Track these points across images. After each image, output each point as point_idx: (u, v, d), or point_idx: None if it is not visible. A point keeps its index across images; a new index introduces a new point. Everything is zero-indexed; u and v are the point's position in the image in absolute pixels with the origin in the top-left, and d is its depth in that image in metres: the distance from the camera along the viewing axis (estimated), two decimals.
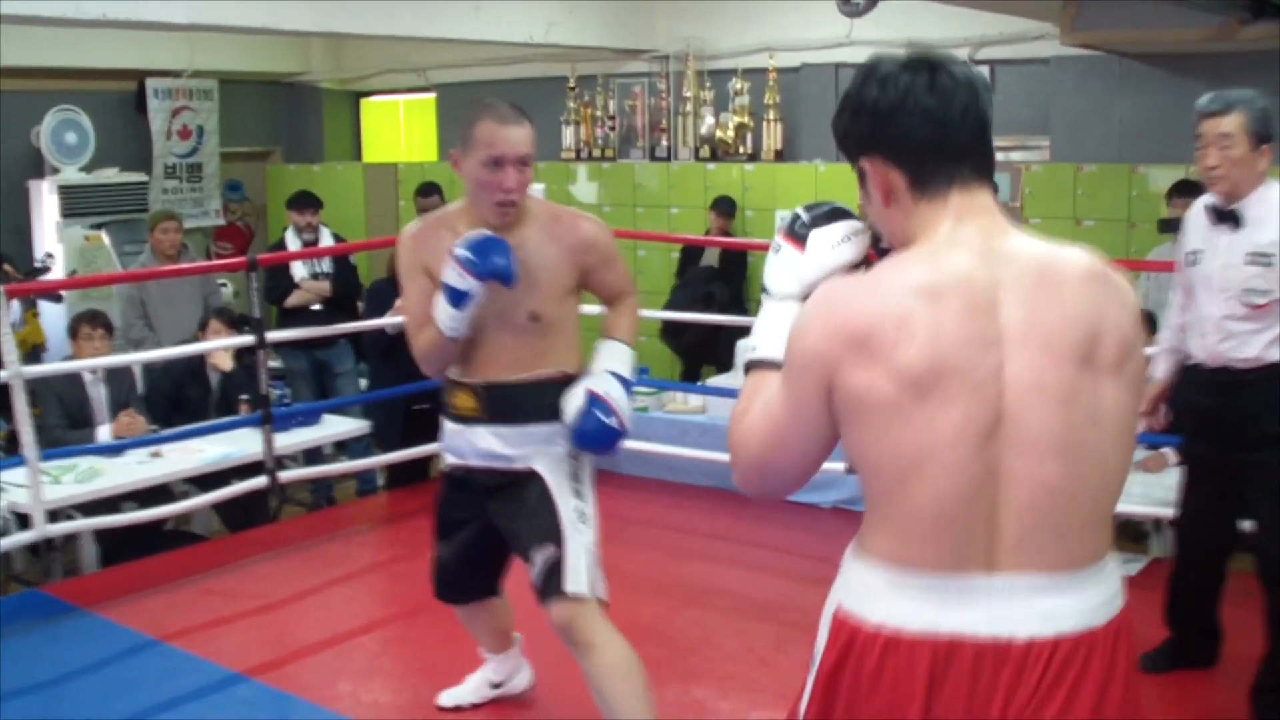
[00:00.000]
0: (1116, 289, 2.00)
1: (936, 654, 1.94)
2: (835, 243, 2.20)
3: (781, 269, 2.24)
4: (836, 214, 2.23)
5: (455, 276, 3.40)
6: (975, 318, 1.92)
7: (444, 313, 3.45)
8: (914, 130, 2.00)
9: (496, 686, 4.34)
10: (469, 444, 3.72)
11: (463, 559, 3.92)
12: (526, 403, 3.60)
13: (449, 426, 3.78)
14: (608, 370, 3.63)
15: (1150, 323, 6.60)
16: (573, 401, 3.55)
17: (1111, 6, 7.00)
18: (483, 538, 3.85)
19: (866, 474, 1.99)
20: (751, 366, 2.19)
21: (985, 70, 9.01)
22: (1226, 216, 4.14)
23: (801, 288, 2.19)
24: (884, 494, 1.98)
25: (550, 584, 3.56)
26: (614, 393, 3.57)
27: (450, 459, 3.84)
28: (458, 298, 3.41)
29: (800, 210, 2.27)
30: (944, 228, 2.00)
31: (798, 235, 2.23)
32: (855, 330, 1.92)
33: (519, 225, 3.58)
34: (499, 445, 3.66)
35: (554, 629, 3.62)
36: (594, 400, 3.53)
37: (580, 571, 3.57)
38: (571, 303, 3.71)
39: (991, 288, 1.94)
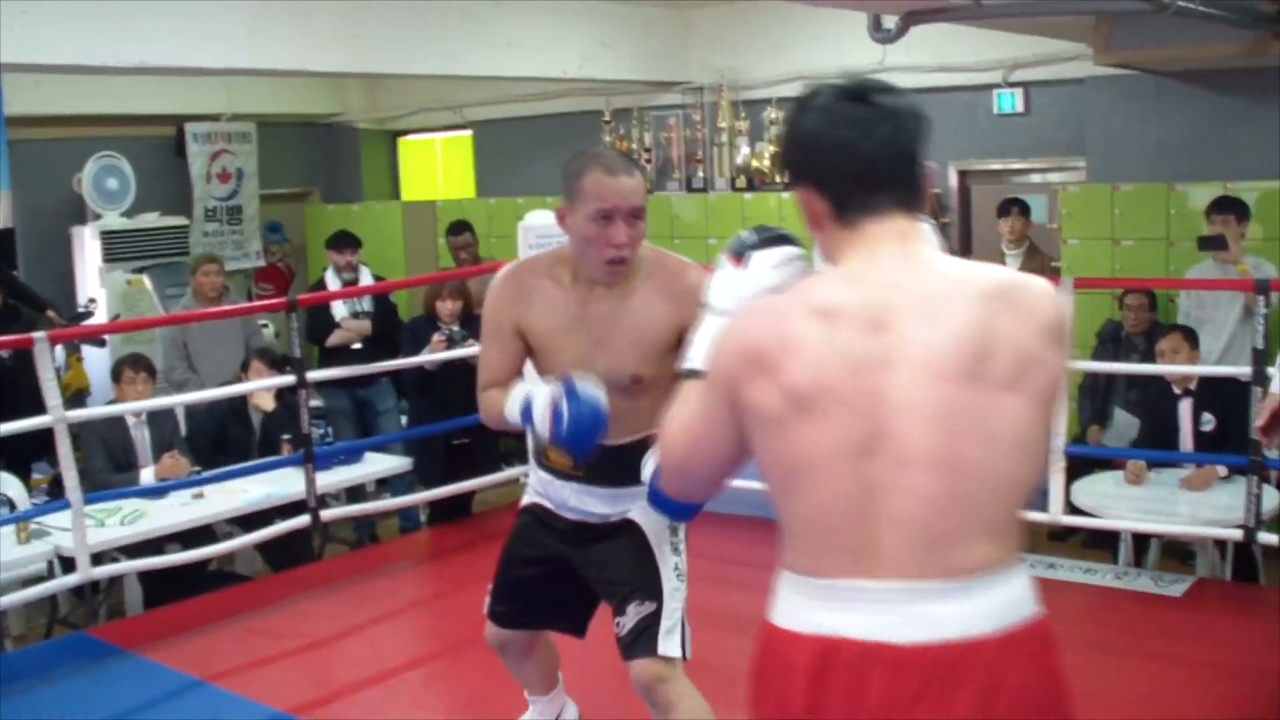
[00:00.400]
0: (1021, 305, 2.04)
1: (818, 652, 2.03)
2: (773, 265, 2.33)
3: (722, 286, 2.36)
4: (780, 239, 2.36)
5: (540, 418, 3.16)
6: (864, 338, 2.01)
7: (513, 413, 3.26)
8: (834, 162, 2.10)
9: None
10: (561, 498, 3.55)
11: (529, 596, 3.71)
12: (629, 466, 3.14)
13: (539, 474, 3.60)
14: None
15: (1191, 340, 6.56)
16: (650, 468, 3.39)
17: (1143, 25, 6.94)
18: (558, 580, 3.64)
19: (766, 483, 2.11)
20: (685, 375, 2.32)
21: (1020, 92, 9.01)
22: None
23: (736, 305, 2.28)
24: (778, 502, 2.10)
25: (642, 642, 3.41)
26: None
27: (537, 500, 3.65)
28: (527, 419, 3.21)
29: (746, 232, 2.39)
30: (859, 254, 2.10)
31: (741, 255, 2.35)
32: (751, 348, 2.06)
33: (628, 278, 3.36)
34: (595, 505, 3.50)
35: (634, 683, 3.48)
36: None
37: (674, 634, 3.44)
38: (672, 359, 3.28)
39: (885, 310, 2.02)
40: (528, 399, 3.22)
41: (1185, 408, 6.53)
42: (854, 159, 2.08)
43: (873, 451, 1.99)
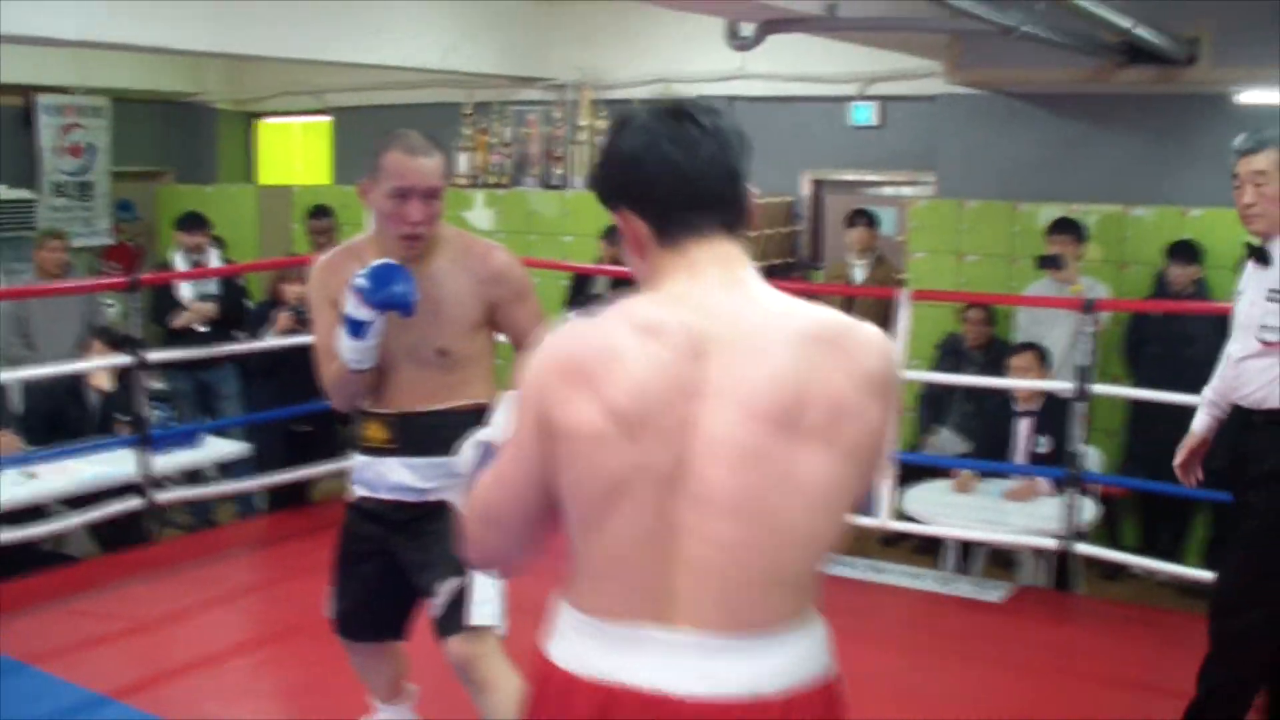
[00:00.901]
0: (844, 352, 1.95)
1: (598, 701, 1.95)
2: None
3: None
4: None
5: (353, 306, 3.31)
6: (683, 363, 1.91)
7: (345, 344, 3.36)
8: (657, 181, 2.01)
9: None
10: (379, 476, 3.59)
11: (365, 595, 3.72)
12: (439, 433, 3.32)
13: (359, 459, 3.65)
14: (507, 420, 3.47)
15: (1042, 359, 6.75)
16: (465, 451, 3.42)
17: (993, 47, 7.11)
18: (388, 574, 3.65)
19: (569, 515, 2.00)
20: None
21: (876, 105, 9.19)
22: (1259, 254, 4.09)
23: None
24: (577, 534, 1.99)
25: (452, 617, 3.43)
26: None
27: (359, 490, 3.69)
28: (356, 328, 3.32)
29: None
30: (681, 277, 2.00)
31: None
32: (570, 361, 1.95)
33: (430, 257, 3.48)
34: (410, 477, 3.54)
35: (453, 666, 3.50)
36: (488, 452, 3.42)
37: (487, 604, 3.44)
38: (483, 336, 3.57)
39: (704, 339, 1.93)
40: (342, 316, 3.35)
41: (1024, 426, 6.72)
42: (678, 178, 2.00)
43: (676, 487, 1.90)
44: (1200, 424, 4.38)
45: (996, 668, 5.13)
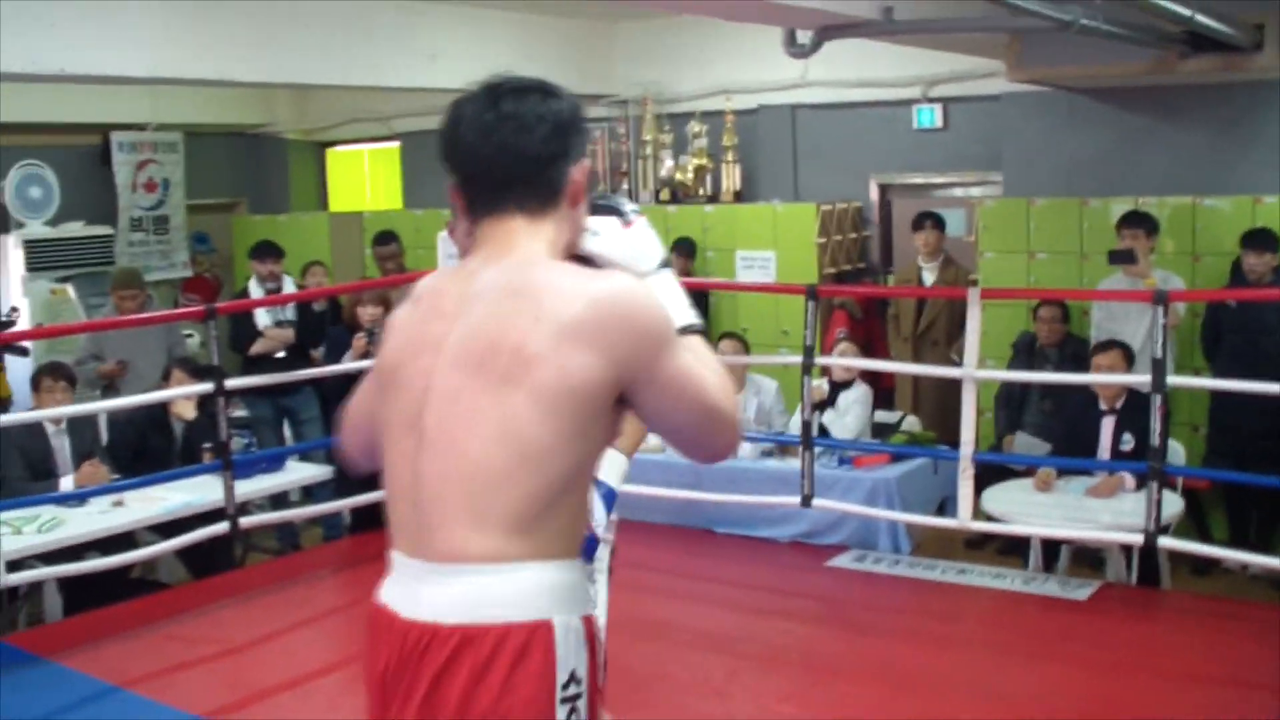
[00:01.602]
0: (537, 303, 2.08)
1: (369, 613, 2.24)
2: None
3: (633, 245, 2.39)
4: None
5: None
6: (431, 324, 2.19)
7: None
8: (461, 162, 2.23)
9: None
10: None
11: None
12: None
13: None
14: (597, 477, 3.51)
15: (1129, 358, 6.70)
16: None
17: (1052, 43, 7.10)
18: None
19: None
20: (685, 332, 2.24)
21: (939, 107, 9.16)
22: None
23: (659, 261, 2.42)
24: None
25: None
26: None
27: None
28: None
29: (611, 198, 2.50)
30: (478, 250, 2.24)
31: (625, 217, 2.45)
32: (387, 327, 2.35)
33: None
34: None
35: None
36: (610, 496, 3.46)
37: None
38: None
39: (459, 300, 2.17)
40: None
41: (1108, 425, 6.66)
42: (473, 161, 2.21)
43: (413, 430, 2.14)
44: None
45: (1081, 666, 5.09)
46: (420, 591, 2.11)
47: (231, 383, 6.51)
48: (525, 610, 2.08)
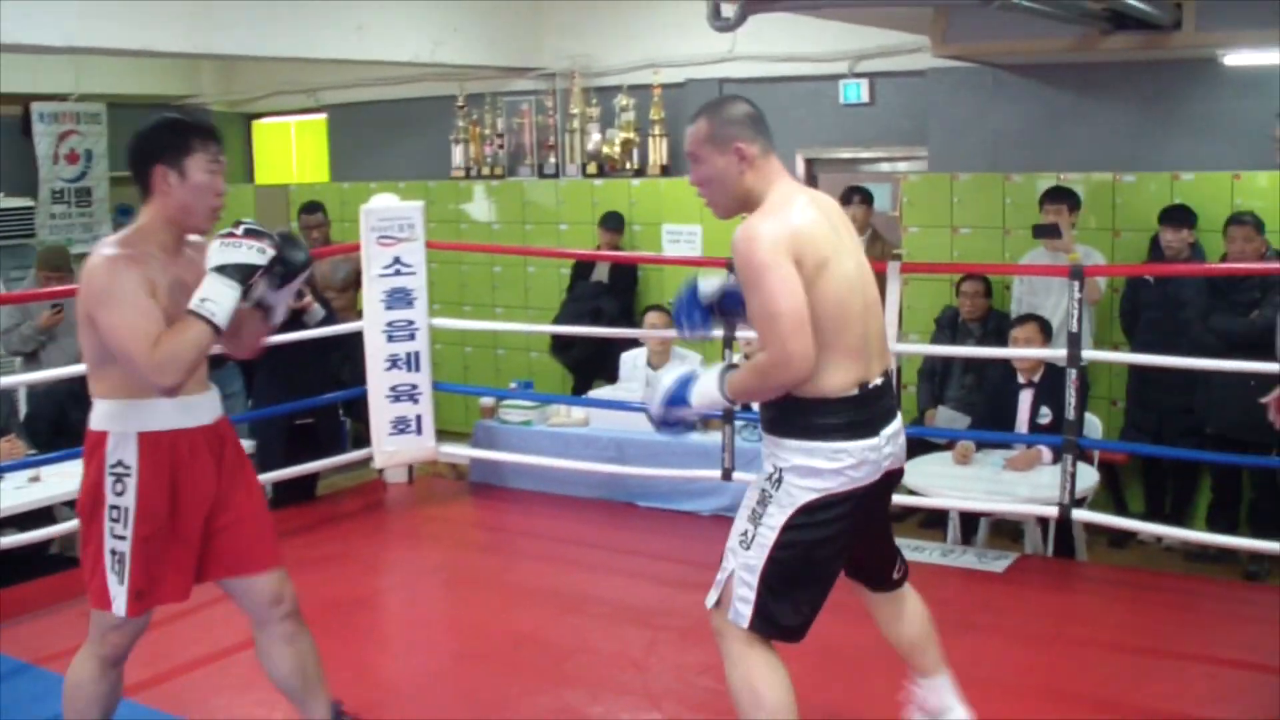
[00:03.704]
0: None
1: None
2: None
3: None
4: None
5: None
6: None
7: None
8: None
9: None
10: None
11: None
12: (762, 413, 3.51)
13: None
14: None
15: (1045, 331, 6.79)
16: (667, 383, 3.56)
17: (979, 18, 7.14)
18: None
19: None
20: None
21: (865, 83, 9.20)
22: None
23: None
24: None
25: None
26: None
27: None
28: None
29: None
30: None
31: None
32: None
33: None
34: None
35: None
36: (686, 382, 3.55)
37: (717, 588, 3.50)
38: None
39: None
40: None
41: (1026, 398, 6.74)
42: None
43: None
44: None
45: (996, 636, 5.15)
46: None
47: None
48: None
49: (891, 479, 3.53)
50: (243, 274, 3.43)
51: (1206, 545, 6.63)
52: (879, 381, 3.42)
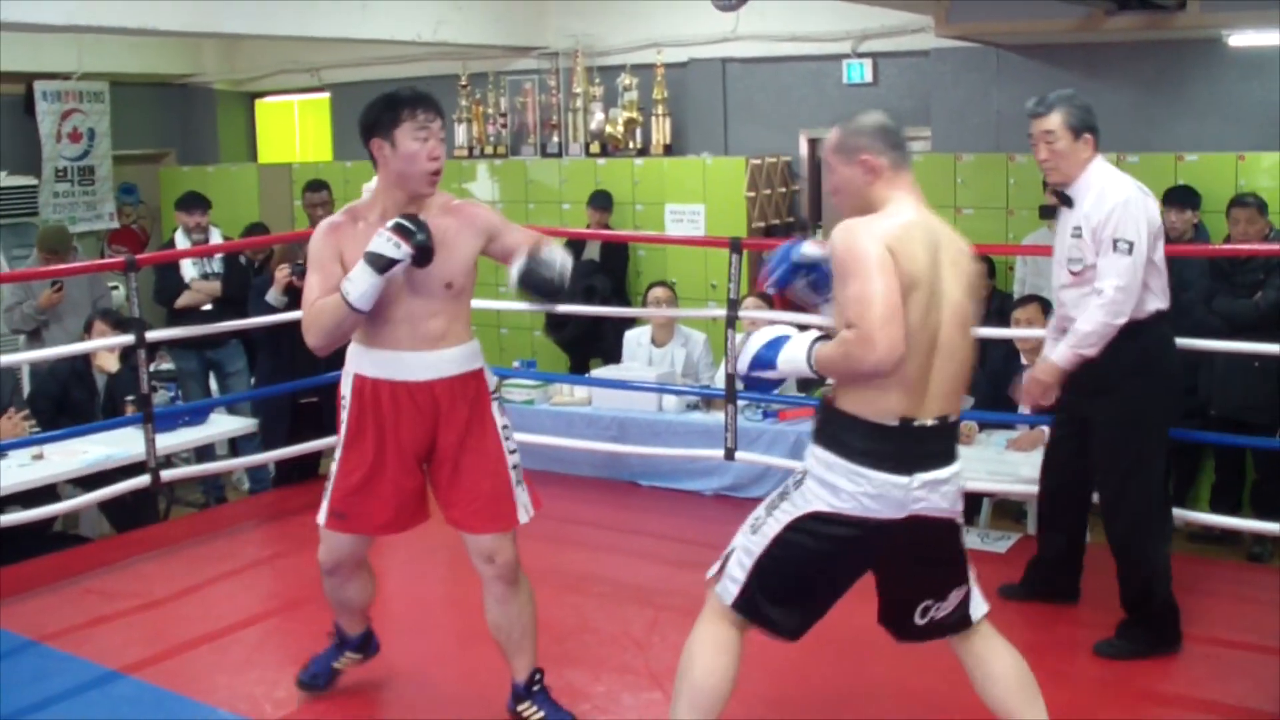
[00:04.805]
0: None
1: None
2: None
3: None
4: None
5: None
6: None
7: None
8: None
9: None
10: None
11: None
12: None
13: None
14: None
15: (1046, 311, 6.77)
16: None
17: None
18: None
19: None
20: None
21: (869, 63, 9.18)
22: (1064, 199, 4.73)
23: None
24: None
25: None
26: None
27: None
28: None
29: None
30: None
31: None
32: None
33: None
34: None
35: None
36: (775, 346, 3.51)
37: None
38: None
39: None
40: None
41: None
42: None
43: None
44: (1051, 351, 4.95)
45: (997, 617, 5.08)
46: None
47: (153, 335, 6.43)
48: None
49: (929, 526, 3.37)
50: (380, 264, 3.66)
51: (1210, 527, 6.62)
52: (929, 423, 3.30)
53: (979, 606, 3.62)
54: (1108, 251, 4.52)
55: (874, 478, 3.26)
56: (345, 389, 4.02)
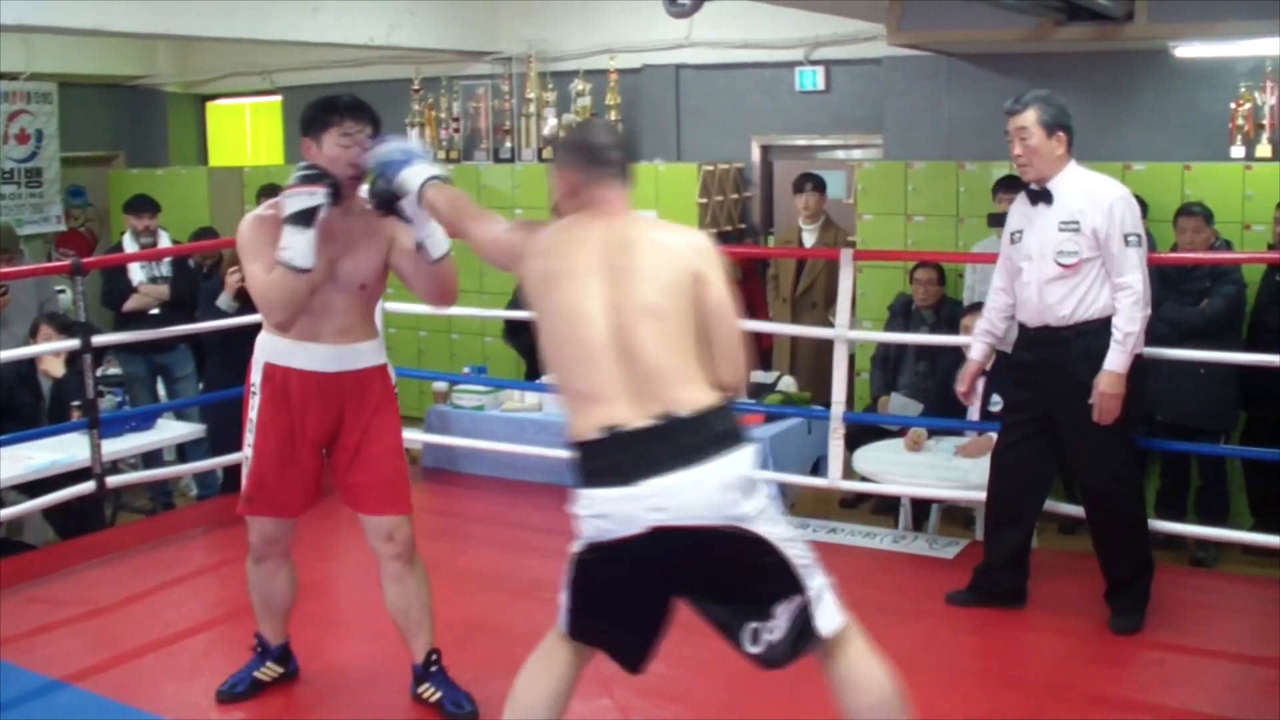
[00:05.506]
0: None
1: None
2: None
3: None
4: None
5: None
6: None
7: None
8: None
9: None
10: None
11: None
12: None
13: None
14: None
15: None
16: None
17: (934, 6, 7.18)
18: None
19: None
20: None
21: (821, 70, 9.21)
22: (1041, 195, 4.92)
23: None
24: None
25: None
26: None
27: None
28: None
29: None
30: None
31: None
32: None
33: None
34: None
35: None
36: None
37: None
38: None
39: None
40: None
41: (977, 386, 6.75)
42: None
43: None
44: (979, 352, 5.35)
45: (947, 623, 5.18)
46: None
47: (99, 339, 6.38)
48: None
49: (703, 539, 3.10)
50: (304, 219, 3.87)
51: (1155, 531, 6.66)
52: (644, 425, 3.08)
53: (828, 620, 3.23)
54: (1121, 248, 4.72)
55: (596, 495, 3.11)
56: (255, 377, 4.16)
